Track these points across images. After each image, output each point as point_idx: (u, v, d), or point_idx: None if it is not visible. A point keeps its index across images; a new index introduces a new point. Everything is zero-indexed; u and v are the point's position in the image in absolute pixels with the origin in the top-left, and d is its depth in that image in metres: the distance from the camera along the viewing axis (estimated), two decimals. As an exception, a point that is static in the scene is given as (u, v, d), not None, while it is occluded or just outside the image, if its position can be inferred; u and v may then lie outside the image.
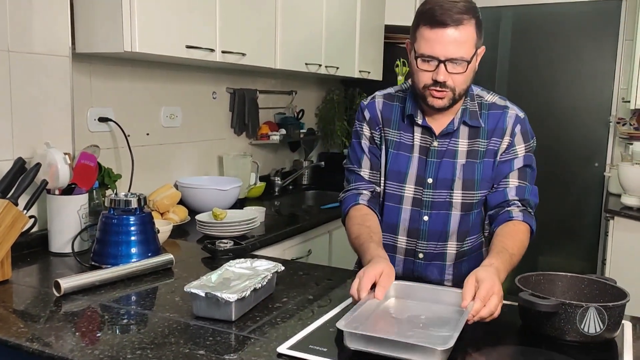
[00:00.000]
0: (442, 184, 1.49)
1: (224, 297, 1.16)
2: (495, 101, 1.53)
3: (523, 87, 3.95)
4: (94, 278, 1.39)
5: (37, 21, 1.76)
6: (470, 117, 1.49)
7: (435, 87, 1.39)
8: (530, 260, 3.95)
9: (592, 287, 1.24)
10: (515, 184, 1.49)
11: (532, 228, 1.45)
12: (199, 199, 2.40)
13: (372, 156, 1.57)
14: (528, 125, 1.54)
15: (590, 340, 1.11)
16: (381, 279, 1.22)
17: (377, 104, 1.57)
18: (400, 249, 1.56)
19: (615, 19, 3.63)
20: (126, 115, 2.25)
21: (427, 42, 1.36)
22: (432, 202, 1.50)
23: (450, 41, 1.35)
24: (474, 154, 1.49)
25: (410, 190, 1.51)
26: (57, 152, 1.70)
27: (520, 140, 1.51)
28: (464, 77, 1.40)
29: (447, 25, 1.34)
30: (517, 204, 1.47)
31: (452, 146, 1.49)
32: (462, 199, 1.49)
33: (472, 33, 1.38)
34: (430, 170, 1.49)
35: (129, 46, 1.81)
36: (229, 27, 2.23)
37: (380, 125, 1.55)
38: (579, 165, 3.81)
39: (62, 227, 1.70)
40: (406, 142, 1.52)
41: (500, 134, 1.49)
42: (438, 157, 1.49)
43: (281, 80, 3.24)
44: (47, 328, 1.17)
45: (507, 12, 3.95)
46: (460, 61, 1.37)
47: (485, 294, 1.13)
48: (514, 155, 1.50)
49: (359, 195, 1.55)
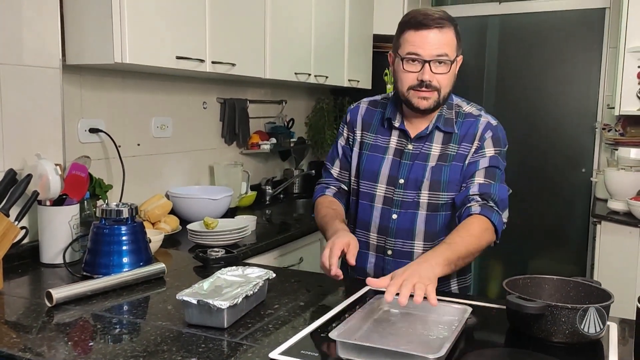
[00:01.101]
0: (412, 185, 1.55)
1: (216, 305, 1.17)
2: (472, 111, 1.60)
3: (510, 95, 4.00)
4: (85, 288, 1.39)
5: (28, 33, 1.77)
6: (445, 124, 1.55)
7: (420, 88, 1.47)
8: (520, 265, 4.00)
9: (577, 290, 1.27)
10: (479, 182, 1.51)
11: (491, 220, 1.44)
12: (190, 208, 2.41)
13: (344, 157, 1.70)
14: (501, 133, 1.58)
15: (577, 341, 1.13)
16: (350, 248, 1.40)
17: (360, 109, 1.68)
18: (372, 246, 1.63)
19: (599, 27, 3.69)
20: (117, 126, 2.26)
21: (412, 44, 1.45)
22: (401, 202, 1.57)
23: (434, 41, 1.44)
24: (444, 157, 1.55)
25: (382, 189, 1.59)
26: (48, 163, 1.71)
27: (490, 144, 1.55)
28: (447, 78, 1.48)
29: (431, 27, 1.43)
30: (477, 199, 1.48)
31: (426, 150, 1.56)
32: (429, 199, 1.55)
33: (453, 37, 1.48)
34: (402, 171, 1.56)
35: (119, 57, 1.83)
36: (218, 38, 2.25)
37: (356, 129, 1.66)
38: (566, 171, 3.86)
39: (54, 238, 1.71)
40: (381, 145, 1.61)
41: (471, 140, 1.55)
42: (411, 159, 1.56)
43: (271, 89, 3.27)
44: (40, 338, 1.17)
45: (494, 20, 4.01)
46: (444, 59, 1.45)
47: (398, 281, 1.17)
48: (481, 156, 1.54)
49: (327, 189, 1.71)
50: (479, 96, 4.07)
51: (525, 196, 3.98)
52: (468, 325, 1.22)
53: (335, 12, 3.19)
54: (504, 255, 4.16)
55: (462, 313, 1.21)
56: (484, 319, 1.29)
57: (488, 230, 1.44)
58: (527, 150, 3.96)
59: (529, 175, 3.97)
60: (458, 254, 1.33)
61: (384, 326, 1.22)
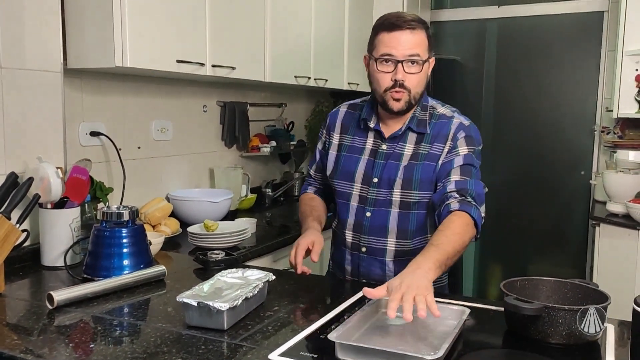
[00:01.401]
0: (385, 183, 1.60)
1: (216, 306, 1.17)
2: (445, 113, 1.64)
3: (509, 98, 4.02)
4: (86, 290, 1.40)
5: (29, 38, 1.79)
6: (418, 125, 1.60)
7: (394, 89, 1.53)
8: (519, 267, 4.00)
9: (575, 291, 1.27)
10: (456, 179, 1.53)
11: (471, 215, 1.45)
12: (191, 211, 2.42)
13: (320, 161, 1.79)
14: (474, 132, 1.61)
15: (574, 342, 1.14)
16: (314, 247, 1.56)
17: (340, 113, 1.75)
18: (348, 243, 1.68)
19: (597, 31, 3.70)
20: (118, 129, 2.27)
21: (385, 45, 1.51)
22: (375, 200, 1.62)
23: (406, 42, 1.50)
24: (416, 156, 1.59)
25: (358, 188, 1.64)
26: (49, 166, 1.72)
27: (464, 143, 1.57)
28: (419, 78, 1.54)
29: (403, 28, 1.50)
30: (455, 196, 1.50)
31: (399, 149, 1.61)
32: (401, 197, 1.59)
33: (424, 38, 1.54)
34: (376, 170, 1.61)
35: (120, 61, 1.84)
36: (218, 42, 2.26)
37: (333, 132, 1.73)
38: (565, 173, 3.87)
39: (55, 240, 1.72)
40: (358, 146, 1.66)
41: (443, 140, 1.58)
42: (384, 158, 1.61)
43: (271, 93, 3.28)
44: (41, 340, 1.18)
45: (492, 24, 4.02)
46: (416, 59, 1.51)
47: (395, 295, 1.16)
48: (455, 155, 1.56)
49: (309, 186, 1.86)
50: (478, 99, 4.08)
51: (524, 199, 3.99)
52: (466, 326, 1.23)
53: (334, 15, 3.21)
54: (503, 258, 4.17)
55: (460, 314, 1.22)
56: (482, 320, 1.30)
57: (469, 226, 1.45)
58: (526, 153, 3.97)
59: (527, 178, 3.98)
60: (447, 255, 1.34)
61: (383, 328, 1.23)
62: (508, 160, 4.05)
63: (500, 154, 4.06)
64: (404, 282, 1.19)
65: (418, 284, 1.18)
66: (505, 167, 4.06)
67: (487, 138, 4.04)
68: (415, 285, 1.18)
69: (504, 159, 4.06)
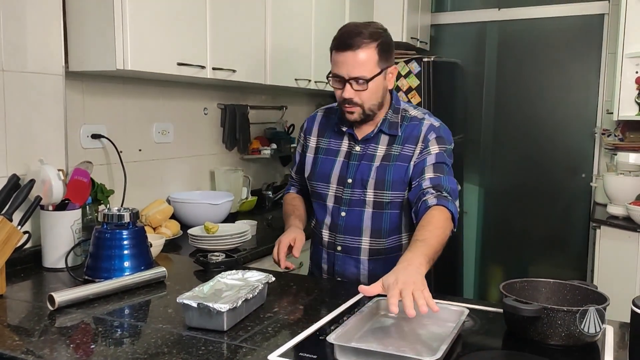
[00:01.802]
0: (359, 184, 1.64)
1: (216, 308, 1.18)
2: (417, 115, 1.67)
3: (509, 101, 4.02)
4: (87, 291, 1.41)
5: (31, 40, 1.80)
6: (389, 127, 1.64)
7: (345, 104, 1.58)
8: (520, 270, 4.00)
9: (574, 293, 1.28)
10: (430, 176, 1.57)
11: (449, 209, 1.49)
12: (191, 213, 2.42)
13: (300, 163, 1.83)
14: (444, 132, 1.64)
15: (573, 344, 1.14)
16: (296, 243, 1.63)
17: (317, 117, 1.80)
18: (324, 242, 1.73)
19: (598, 33, 3.71)
20: (119, 131, 2.28)
21: (335, 63, 1.57)
22: (349, 200, 1.66)
23: (350, 62, 1.53)
24: (388, 157, 1.63)
25: (333, 189, 1.69)
26: (50, 169, 1.73)
27: (435, 143, 1.60)
28: (368, 94, 1.57)
29: (348, 49, 1.53)
30: (432, 191, 1.53)
31: (371, 151, 1.65)
32: (374, 197, 1.63)
33: (372, 55, 1.54)
34: (350, 171, 1.65)
35: (121, 64, 1.85)
36: (219, 44, 2.27)
37: (310, 135, 1.77)
38: (566, 176, 3.87)
39: (56, 242, 1.72)
40: (334, 148, 1.71)
41: (414, 141, 1.62)
42: (358, 159, 1.65)
43: (272, 95, 3.29)
44: (42, 341, 1.19)
45: (493, 26, 4.03)
46: (361, 80, 1.54)
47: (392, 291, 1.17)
48: (427, 154, 1.59)
49: (292, 187, 1.91)
50: (478, 102, 4.09)
51: (525, 201, 3.99)
52: (465, 328, 1.24)
53: (335, 18, 3.22)
54: (503, 260, 4.17)
55: (459, 315, 1.23)
56: (481, 321, 1.30)
57: (448, 220, 1.49)
58: (526, 156, 3.97)
59: (528, 181, 3.99)
60: (433, 249, 1.37)
61: (382, 329, 1.23)
62: (508, 162, 4.05)
63: (501, 157, 4.07)
64: (399, 278, 1.20)
65: (414, 280, 1.20)
66: (505, 169, 4.07)
67: (487, 141, 4.08)
68: (411, 281, 1.19)
69: (505, 162, 4.06)
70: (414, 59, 3.39)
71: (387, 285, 1.20)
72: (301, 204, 1.84)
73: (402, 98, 3.49)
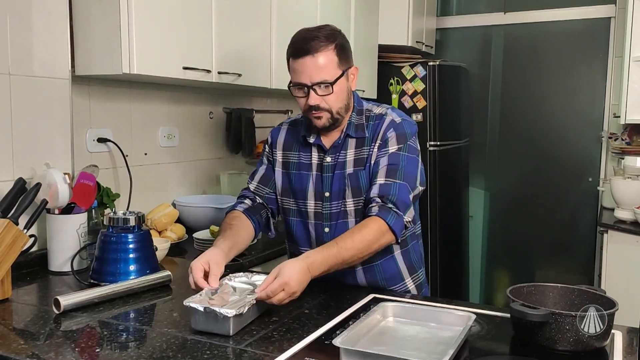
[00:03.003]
0: (337, 196, 1.58)
1: (223, 313, 1.17)
2: (380, 112, 1.62)
3: (516, 105, 4.01)
4: (93, 295, 1.41)
5: (38, 45, 1.81)
6: (355, 130, 1.59)
7: (311, 111, 1.53)
8: (527, 274, 3.98)
9: (582, 297, 1.26)
10: (380, 182, 1.52)
11: (386, 221, 1.46)
12: (197, 217, 2.42)
13: (264, 173, 1.71)
14: (406, 127, 1.58)
15: (581, 349, 1.13)
16: (211, 269, 1.36)
17: (281, 131, 1.72)
18: None
19: (605, 37, 3.70)
20: (124, 135, 2.28)
21: (294, 72, 1.52)
22: (330, 214, 1.60)
23: (311, 68, 1.48)
24: (359, 162, 1.58)
25: (312, 205, 1.62)
26: (56, 172, 1.73)
27: (394, 142, 1.55)
28: (334, 97, 1.52)
29: (306, 54, 1.48)
30: (377, 200, 1.50)
31: (341, 158, 1.59)
32: (355, 205, 1.57)
33: (332, 58, 1.51)
34: (326, 184, 1.59)
35: (127, 68, 1.85)
36: (224, 49, 2.27)
37: (276, 149, 1.69)
38: (573, 180, 3.85)
39: (62, 246, 1.73)
40: (305, 162, 1.64)
41: (376, 139, 1.57)
42: (331, 171, 1.59)
43: (277, 99, 3.29)
44: (47, 345, 1.19)
45: (499, 31, 4.02)
46: (324, 84, 1.50)
47: (275, 289, 1.27)
48: (384, 154, 1.55)
49: (239, 204, 1.68)
50: (484, 106, 4.08)
51: (532, 205, 3.97)
52: (472, 332, 1.23)
53: (340, 22, 3.22)
54: (510, 265, 4.15)
55: (466, 320, 1.22)
56: (488, 326, 1.29)
57: (382, 232, 1.46)
58: (533, 160, 3.96)
59: (535, 185, 3.97)
60: (342, 260, 1.41)
61: (388, 333, 1.22)
62: (514, 166, 4.04)
63: (507, 161, 4.05)
64: (292, 285, 1.29)
65: (298, 290, 1.31)
66: (511, 173, 4.05)
67: (493, 144, 4.07)
68: (297, 292, 1.31)
69: (511, 166, 4.05)
70: (419, 63, 3.39)
71: (279, 281, 1.27)
72: (241, 226, 1.59)
73: (408, 102, 3.50)
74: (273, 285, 1.27)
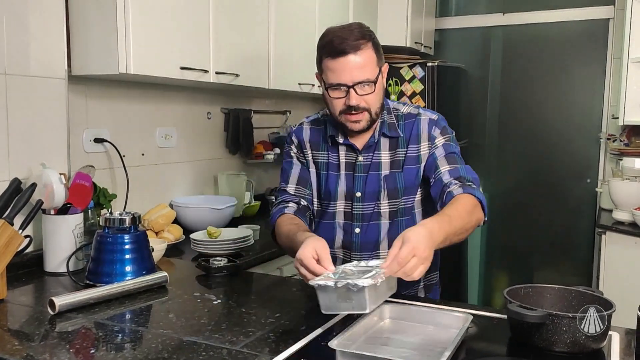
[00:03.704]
0: (370, 197, 1.55)
1: (358, 283, 1.08)
2: (410, 111, 1.59)
3: (514, 106, 4.00)
4: (88, 296, 1.40)
5: (34, 44, 1.80)
6: (389, 129, 1.55)
7: (350, 112, 1.46)
8: (525, 276, 3.97)
9: (579, 299, 1.26)
10: (446, 169, 1.51)
11: (476, 196, 1.44)
12: (194, 218, 2.42)
13: (300, 174, 1.63)
14: (444, 122, 1.58)
15: (579, 351, 1.13)
16: (320, 254, 1.25)
17: (305, 131, 1.64)
18: (337, 260, 1.59)
19: (603, 38, 3.70)
20: (122, 136, 2.27)
21: (332, 72, 1.44)
22: (362, 215, 1.56)
23: (353, 67, 1.42)
24: (396, 164, 1.55)
25: (341, 205, 1.58)
26: (52, 173, 1.73)
27: (440, 136, 1.55)
28: (375, 96, 1.47)
29: (348, 53, 1.42)
30: (454, 182, 1.48)
31: (376, 159, 1.56)
32: (389, 207, 1.55)
33: (371, 54, 1.46)
34: (358, 184, 1.56)
35: (124, 68, 1.85)
36: (222, 49, 2.27)
37: (305, 149, 1.63)
38: (571, 181, 3.84)
39: (57, 246, 1.72)
40: (333, 162, 1.59)
41: (417, 140, 1.55)
42: (364, 171, 1.56)
43: (275, 100, 3.28)
44: (42, 346, 1.18)
45: (498, 31, 4.02)
46: (367, 82, 1.44)
47: (405, 255, 1.16)
48: (434, 148, 1.54)
49: (285, 208, 1.58)
50: (483, 107, 4.07)
51: (530, 207, 3.97)
52: (469, 334, 1.22)
53: (338, 23, 3.20)
54: (509, 266, 4.14)
55: (463, 322, 1.21)
56: (485, 328, 1.29)
57: (477, 207, 1.43)
58: (531, 161, 3.95)
59: (533, 186, 3.96)
60: (454, 230, 1.31)
61: (384, 335, 1.22)
62: (514, 168, 4.03)
63: (505, 162, 4.05)
64: (422, 249, 1.17)
65: (430, 257, 1.19)
66: (510, 174, 4.05)
67: (492, 145, 4.06)
68: (429, 258, 1.18)
69: (510, 167, 4.04)
70: (418, 64, 3.39)
71: (405, 246, 1.16)
72: (303, 223, 1.54)
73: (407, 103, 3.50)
74: (402, 252, 1.16)
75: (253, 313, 1.36)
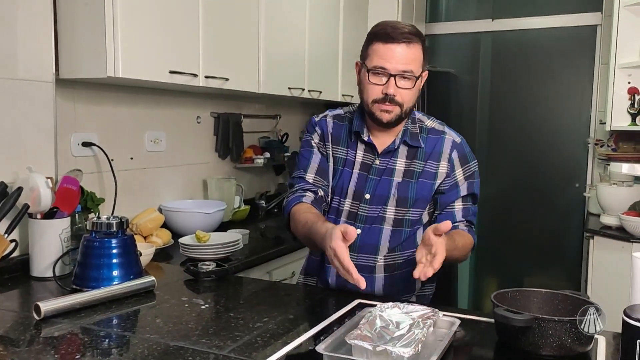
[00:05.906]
0: (378, 200, 1.56)
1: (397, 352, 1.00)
2: (435, 126, 1.62)
3: (503, 111, 4.03)
4: (74, 301, 1.39)
5: (21, 47, 1.79)
6: (411, 138, 1.57)
7: (384, 102, 1.48)
8: (514, 280, 3.99)
9: (566, 303, 1.27)
10: (460, 207, 1.59)
11: (474, 241, 1.59)
12: (183, 222, 2.41)
13: (320, 163, 1.62)
14: (466, 148, 1.61)
15: (565, 354, 1.13)
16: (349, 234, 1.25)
17: (328, 124, 1.64)
18: None
19: (591, 44, 3.74)
20: (110, 140, 2.26)
21: (379, 56, 1.46)
22: (366, 217, 1.57)
23: (401, 56, 1.45)
24: (410, 173, 1.56)
25: (348, 204, 1.59)
26: (39, 177, 1.71)
27: (459, 165, 1.59)
28: (411, 94, 1.49)
29: (399, 42, 1.44)
30: (464, 222, 1.59)
31: (392, 164, 1.56)
32: (395, 214, 1.56)
33: (420, 53, 1.49)
34: (369, 186, 1.56)
35: (112, 72, 1.84)
36: (211, 52, 2.26)
37: (327, 142, 1.62)
38: (560, 186, 3.87)
39: (44, 251, 1.70)
40: (350, 159, 1.60)
41: (437, 158, 1.57)
42: (378, 174, 1.56)
43: (265, 104, 3.28)
44: (27, 351, 1.16)
45: (487, 37, 4.05)
46: (409, 75, 1.46)
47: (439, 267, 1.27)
48: (454, 183, 1.58)
49: (302, 197, 1.56)
50: (473, 112, 4.10)
51: (519, 211, 3.99)
52: (456, 338, 1.22)
53: (329, 27, 3.23)
54: (498, 271, 4.16)
55: (450, 326, 1.21)
56: (473, 332, 1.29)
57: (469, 248, 1.56)
58: (520, 166, 3.98)
59: (522, 191, 3.99)
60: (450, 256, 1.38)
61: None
62: (503, 172, 4.06)
63: (495, 167, 4.07)
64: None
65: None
66: (500, 179, 4.07)
67: (481, 151, 4.08)
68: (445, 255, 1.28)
69: (499, 172, 4.07)
70: (407, 69, 3.40)
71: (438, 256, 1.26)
72: (322, 215, 1.54)
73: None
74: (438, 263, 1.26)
75: (241, 317, 1.35)
